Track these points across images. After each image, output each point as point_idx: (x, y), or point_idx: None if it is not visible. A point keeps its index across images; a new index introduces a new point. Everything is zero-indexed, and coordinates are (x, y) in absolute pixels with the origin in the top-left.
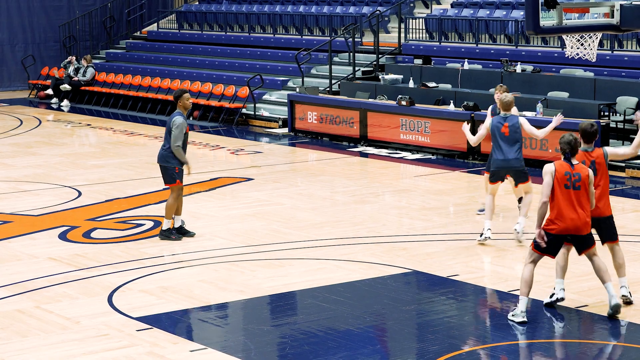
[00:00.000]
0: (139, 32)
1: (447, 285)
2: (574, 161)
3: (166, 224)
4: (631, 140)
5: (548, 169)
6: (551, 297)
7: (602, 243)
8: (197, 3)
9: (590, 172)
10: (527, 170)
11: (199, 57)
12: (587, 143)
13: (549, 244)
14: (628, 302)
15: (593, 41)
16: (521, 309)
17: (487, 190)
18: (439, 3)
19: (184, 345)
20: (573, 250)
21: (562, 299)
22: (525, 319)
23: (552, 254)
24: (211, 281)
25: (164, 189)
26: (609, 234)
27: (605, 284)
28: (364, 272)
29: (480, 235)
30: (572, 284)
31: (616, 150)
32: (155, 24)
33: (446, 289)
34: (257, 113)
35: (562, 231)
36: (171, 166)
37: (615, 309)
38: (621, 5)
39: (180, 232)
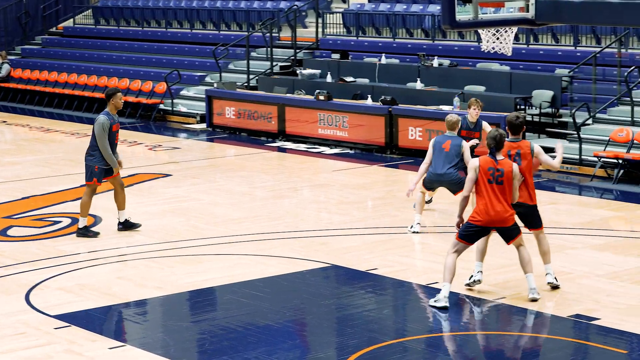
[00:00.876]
0: (54, 28)
1: (365, 279)
2: (499, 156)
3: (82, 222)
4: (547, 133)
5: (472, 164)
6: (470, 278)
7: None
8: None
9: (515, 166)
10: (462, 179)
11: (116, 52)
12: (513, 134)
13: (474, 234)
14: (555, 287)
15: (509, 35)
16: (444, 294)
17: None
18: None
19: (102, 342)
20: (497, 242)
21: (479, 282)
22: (447, 305)
23: (471, 242)
24: (129, 278)
25: (82, 185)
26: (534, 222)
27: (526, 274)
28: (283, 267)
29: (411, 227)
30: (490, 276)
31: (547, 159)
32: (72, 20)
33: (365, 283)
34: (174, 109)
35: (488, 224)
36: (91, 165)
37: (532, 300)
38: (536, 0)
39: (126, 227)
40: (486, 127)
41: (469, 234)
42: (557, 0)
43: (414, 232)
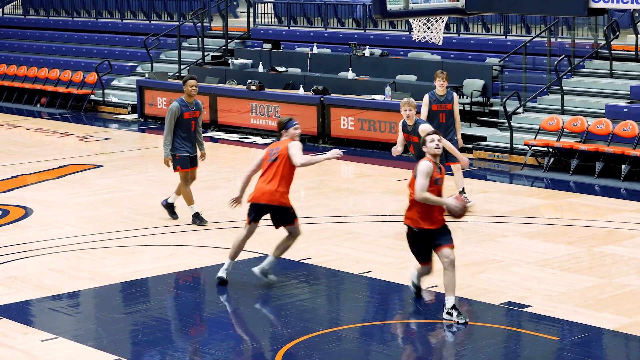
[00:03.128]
0: None
1: (299, 269)
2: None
3: (191, 210)
4: (478, 122)
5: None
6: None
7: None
8: None
9: (290, 150)
10: None
11: (46, 43)
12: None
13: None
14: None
15: (439, 25)
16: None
17: None
18: None
19: (34, 335)
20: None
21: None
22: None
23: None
24: (61, 270)
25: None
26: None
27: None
28: (216, 257)
29: None
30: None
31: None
32: (0, 10)
33: (298, 272)
34: (105, 99)
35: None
36: (173, 153)
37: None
38: None
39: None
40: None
41: None
42: None
43: None
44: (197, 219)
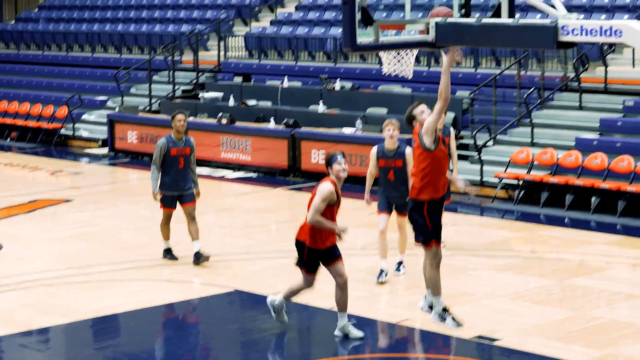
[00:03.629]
0: None
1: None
2: None
3: (167, 244)
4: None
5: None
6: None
7: None
8: (13, 22)
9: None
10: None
11: (16, 76)
12: None
13: None
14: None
15: (409, 58)
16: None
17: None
18: (257, 21)
19: None
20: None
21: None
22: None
23: None
24: (32, 305)
25: None
26: None
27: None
28: (187, 292)
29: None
30: (396, 298)
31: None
32: None
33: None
34: (76, 133)
35: None
36: (158, 191)
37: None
38: (436, 22)
39: (198, 258)
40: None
41: None
42: (457, 23)
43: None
44: (168, 254)
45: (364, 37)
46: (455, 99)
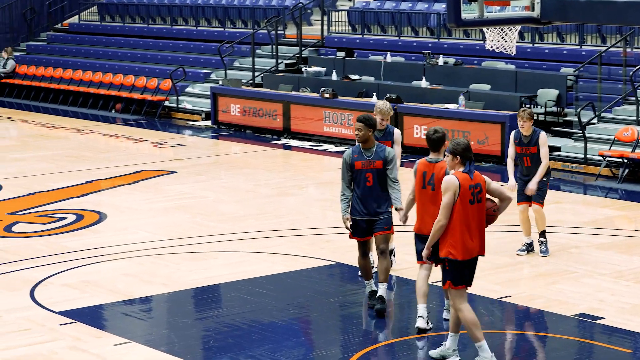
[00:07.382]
0: (60, 24)
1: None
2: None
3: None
4: (552, 132)
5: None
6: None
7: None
8: None
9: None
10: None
11: (121, 49)
12: (433, 152)
13: None
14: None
15: (513, 34)
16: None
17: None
18: None
19: (107, 339)
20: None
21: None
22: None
23: None
24: (135, 275)
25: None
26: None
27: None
28: (288, 264)
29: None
30: (495, 274)
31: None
32: (77, 16)
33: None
34: (179, 106)
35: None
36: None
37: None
38: None
39: None
40: None
41: None
42: None
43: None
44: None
45: (469, 12)
46: (560, 76)
